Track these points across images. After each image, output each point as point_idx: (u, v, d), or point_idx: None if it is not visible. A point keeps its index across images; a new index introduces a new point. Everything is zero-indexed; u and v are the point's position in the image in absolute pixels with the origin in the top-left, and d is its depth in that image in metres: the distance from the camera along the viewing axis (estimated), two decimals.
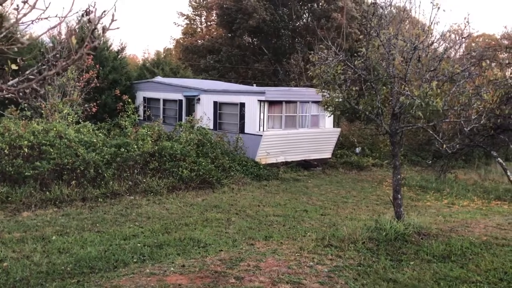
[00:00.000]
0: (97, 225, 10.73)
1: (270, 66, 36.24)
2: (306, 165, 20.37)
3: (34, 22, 3.95)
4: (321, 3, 35.72)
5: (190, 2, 44.02)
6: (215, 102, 20.73)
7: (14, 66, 3.72)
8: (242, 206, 13.20)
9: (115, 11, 3.61)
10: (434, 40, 10.06)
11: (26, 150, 13.08)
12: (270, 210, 12.96)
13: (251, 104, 19.14)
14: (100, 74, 21.76)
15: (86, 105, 19.03)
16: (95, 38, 3.31)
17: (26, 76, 3.58)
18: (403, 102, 8.71)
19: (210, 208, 12.86)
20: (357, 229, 9.18)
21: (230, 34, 37.04)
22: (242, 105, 19.46)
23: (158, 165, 15.03)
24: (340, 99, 10.36)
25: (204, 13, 44.99)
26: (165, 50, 39.28)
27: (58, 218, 11.13)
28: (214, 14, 42.03)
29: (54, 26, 3.34)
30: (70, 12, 3.92)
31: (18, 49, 3.78)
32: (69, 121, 16.76)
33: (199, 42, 40.90)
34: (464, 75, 8.98)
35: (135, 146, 14.98)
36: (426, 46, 9.29)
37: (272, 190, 15.99)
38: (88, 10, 3.94)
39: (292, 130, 20.02)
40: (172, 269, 7.41)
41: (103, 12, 3.68)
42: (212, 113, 20.76)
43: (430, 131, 11.35)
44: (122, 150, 14.67)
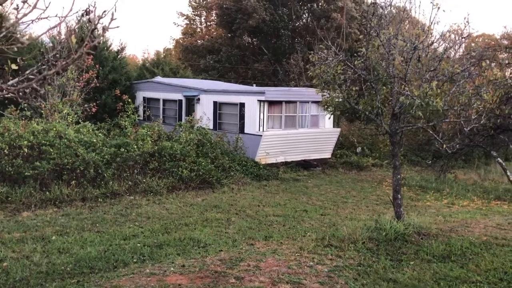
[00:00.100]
0: (97, 225, 10.72)
1: (270, 66, 36.24)
2: (306, 165, 20.37)
3: (34, 22, 3.95)
4: (320, 3, 35.71)
5: (189, 2, 44.03)
6: (215, 102, 20.73)
7: (14, 66, 3.72)
8: (242, 206, 13.19)
9: (115, 11, 3.61)
10: (434, 40, 10.06)
11: (26, 150, 13.07)
12: (270, 210, 12.96)
13: (251, 104, 19.14)
14: (100, 74, 21.75)
15: (86, 105, 19.03)
16: (95, 37, 3.31)
17: (26, 76, 3.57)
18: (403, 102, 8.71)
19: (210, 208, 12.85)
20: (357, 229, 9.18)
21: (230, 34, 37.04)
22: (242, 105, 19.46)
23: (158, 165, 15.03)
24: (340, 99, 10.36)
25: (203, 13, 44.97)
26: (164, 50, 39.29)
27: (58, 218, 11.12)
28: (214, 14, 42.02)
29: (54, 26, 3.33)
30: (70, 12, 3.93)
31: (18, 49, 3.77)
32: (68, 121, 16.76)
33: (199, 42, 40.89)
34: (464, 75, 8.98)
35: (135, 146, 14.97)
36: (426, 46, 9.30)
37: (272, 190, 15.98)
38: (88, 10, 3.94)
39: (292, 130, 20.01)
40: (172, 269, 7.40)
41: (103, 11, 3.68)
42: (212, 113, 20.76)
43: (430, 131, 11.34)
44: (122, 150, 14.67)
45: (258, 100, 18.90)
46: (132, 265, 7.99)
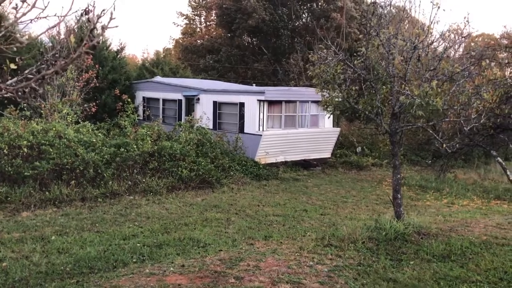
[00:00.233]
0: (96, 225, 10.71)
1: (269, 66, 36.23)
2: (305, 164, 20.36)
3: (33, 22, 3.94)
4: (320, 3, 35.70)
5: (189, 2, 44.01)
6: (215, 102, 20.71)
7: (13, 66, 3.71)
8: (242, 206, 13.18)
9: (114, 10, 3.60)
10: (434, 39, 10.05)
11: (26, 150, 13.06)
12: (270, 209, 12.94)
13: (251, 103, 19.12)
14: (99, 74, 21.74)
15: (85, 105, 19.01)
16: (94, 37, 3.30)
17: (25, 75, 3.56)
18: (403, 102, 8.70)
19: (210, 208, 12.84)
20: (357, 228, 9.16)
21: (230, 34, 37.03)
22: (242, 105, 19.45)
23: (157, 165, 15.01)
24: (339, 99, 10.35)
25: (203, 13, 44.96)
26: (164, 50, 39.29)
27: (58, 218, 11.11)
28: (214, 14, 42.02)
29: (54, 26, 3.32)
30: (70, 11, 3.92)
31: (17, 48, 3.76)
32: (68, 121, 16.74)
33: (199, 42, 40.86)
34: (463, 75, 8.97)
35: (135, 146, 14.96)
36: (426, 45, 9.28)
37: (271, 189, 15.98)
38: (87, 10, 3.93)
39: (291, 129, 20.00)
40: (171, 269, 7.39)
41: (102, 11, 3.66)
42: (211, 112, 20.75)
43: (430, 131, 11.33)
44: (122, 150, 14.65)
45: (257, 99, 18.89)
46: (131, 265, 7.98)
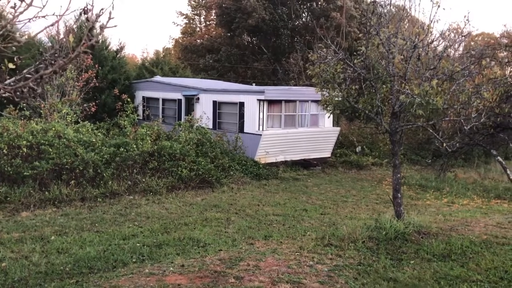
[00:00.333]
0: (96, 225, 10.70)
1: (269, 66, 36.20)
2: (305, 164, 20.35)
3: (31, 21, 3.92)
4: (320, 2, 35.67)
5: (189, 1, 43.97)
6: (214, 102, 20.70)
7: (11, 65, 3.69)
8: (242, 206, 13.17)
9: (113, 9, 3.58)
10: (434, 38, 10.03)
11: (25, 150, 13.04)
12: (270, 209, 12.93)
13: (251, 103, 19.10)
14: (99, 74, 21.72)
15: (85, 104, 18.99)
16: (92, 36, 3.28)
17: (23, 75, 3.55)
18: (403, 101, 8.68)
19: (210, 207, 12.83)
20: (357, 228, 9.15)
21: (229, 34, 37.00)
22: (242, 104, 19.43)
23: (157, 164, 15.00)
24: (339, 98, 10.33)
25: (203, 12, 44.93)
26: (164, 50, 39.24)
27: (57, 218, 11.10)
28: (213, 14, 41.98)
29: (51, 24, 3.31)
30: (68, 10, 3.90)
31: (16, 48, 3.75)
32: (68, 120, 16.72)
33: (198, 41, 40.83)
34: (463, 74, 8.96)
35: (134, 146, 14.94)
36: (426, 44, 9.26)
37: (271, 189, 15.96)
38: (85, 9, 3.91)
39: (291, 129, 19.98)
40: (171, 269, 7.38)
41: (101, 10, 3.65)
42: (211, 112, 20.73)
43: (430, 130, 11.32)
44: (121, 149, 14.64)
45: (257, 99, 18.87)
46: (131, 265, 7.96)
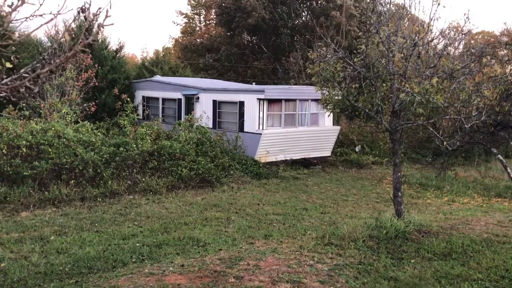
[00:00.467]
0: (96, 224, 10.67)
1: (269, 65, 36.16)
2: (305, 163, 20.32)
3: (29, 19, 3.89)
4: (320, 1, 35.62)
5: (189, 1, 43.92)
6: (214, 101, 20.67)
7: (8, 65, 3.67)
8: (242, 205, 13.14)
9: (110, 8, 3.56)
10: (434, 36, 10.00)
11: (25, 150, 13.01)
12: (270, 208, 12.90)
13: (250, 102, 19.07)
14: (99, 74, 21.68)
15: (85, 104, 18.96)
16: (90, 34, 3.26)
17: (20, 74, 3.52)
18: (403, 99, 8.65)
19: (210, 207, 12.80)
20: (357, 227, 9.13)
21: (229, 33, 36.95)
22: (242, 103, 19.40)
23: (157, 164, 14.97)
24: (339, 97, 10.30)
25: (203, 11, 44.88)
26: (163, 49, 39.20)
27: (57, 218, 11.08)
28: (213, 13, 41.93)
29: (47, 22, 3.28)
30: (65, 9, 3.87)
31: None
32: (67, 120, 16.69)
33: (198, 41, 40.78)
34: (464, 72, 8.93)
35: (134, 145, 14.92)
36: (426, 43, 9.24)
37: (271, 188, 15.94)
38: (83, 8, 3.89)
39: (291, 128, 19.95)
40: (171, 268, 7.35)
41: (98, 9, 3.62)
42: (211, 111, 20.70)
43: (430, 129, 11.29)
44: (121, 149, 14.61)
45: (257, 98, 18.84)
46: (131, 265, 7.94)
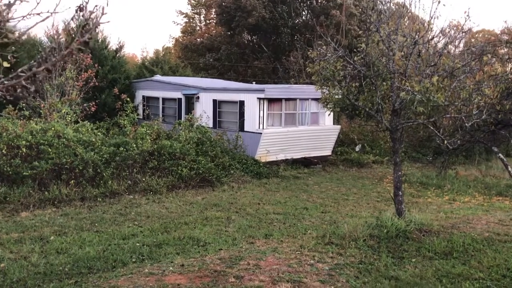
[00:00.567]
0: (96, 224, 10.65)
1: (269, 64, 36.12)
2: (306, 162, 20.28)
3: (26, 18, 3.87)
4: (320, 0, 35.58)
5: (189, 0, 43.89)
6: (215, 100, 20.64)
7: (5, 64, 3.64)
8: (242, 204, 13.11)
9: (107, 5, 3.53)
10: (434, 35, 9.95)
11: (24, 150, 12.99)
12: (270, 208, 12.88)
13: (251, 102, 19.04)
14: (99, 73, 21.65)
15: (85, 104, 18.93)
16: (86, 32, 3.22)
17: (16, 73, 3.49)
18: (404, 98, 8.62)
19: (210, 206, 12.77)
20: (358, 226, 9.09)
21: (230, 32, 36.92)
22: (242, 103, 19.37)
23: (157, 164, 14.94)
24: (339, 96, 10.26)
25: (203, 11, 44.85)
26: (164, 49, 39.18)
27: (57, 218, 11.05)
28: (213, 12, 41.90)
29: (43, 20, 3.25)
30: (61, 7, 3.84)
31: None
32: (67, 120, 16.67)
33: (198, 40, 40.75)
34: (464, 70, 8.89)
35: (134, 145, 14.89)
36: (426, 41, 9.20)
37: (272, 188, 15.91)
38: (81, 6, 3.86)
39: (292, 127, 19.92)
40: (171, 268, 7.33)
41: (95, 6, 3.59)
42: (211, 111, 20.67)
43: (431, 127, 11.25)
44: (121, 149, 14.59)
45: (257, 97, 18.80)
46: (130, 265, 7.92)
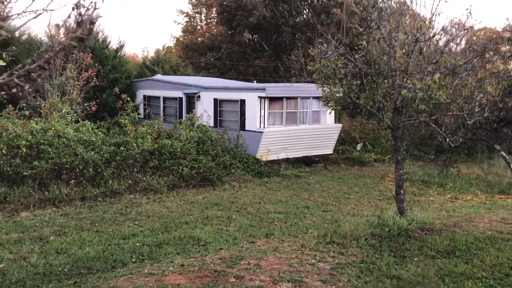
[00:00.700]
0: (96, 224, 10.60)
1: (270, 63, 36.05)
2: (307, 161, 20.22)
3: (21, 16, 3.81)
4: None
5: None
6: (215, 99, 20.58)
7: (1, 62, 3.59)
8: (243, 204, 13.06)
9: (102, 2, 3.47)
10: (436, 32, 9.88)
11: (24, 149, 12.95)
12: (271, 207, 12.82)
13: (252, 100, 18.98)
14: (100, 73, 21.61)
15: (85, 104, 18.89)
16: (79, 27, 3.17)
17: (10, 71, 3.44)
18: (405, 96, 8.55)
19: (211, 206, 12.72)
20: (359, 225, 9.03)
21: (230, 31, 36.83)
22: (243, 102, 19.31)
23: (158, 163, 14.89)
24: (340, 94, 10.20)
25: (204, 10, 44.77)
26: (164, 48, 39.13)
27: (57, 218, 11.00)
28: (214, 12, 41.82)
29: (35, 17, 3.20)
30: (57, 4, 3.79)
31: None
32: (68, 120, 16.62)
33: (199, 39, 40.68)
34: (466, 67, 8.82)
35: (135, 145, 14.84)
36: (428, 38, 9.13)
37: (273, 187, 15.85)
38: (78, 4, 3.81)
39: (293, 126, 19.86)
40: (171, 268, 7.27)
41: (90, 3, 3.54)
42: (212, 110, 20.62)
43: (433, 125, 11.18)
44: (122, 148, 14.54)
45: (258, 96, 18.75)
46: (130, 265, 7.86)
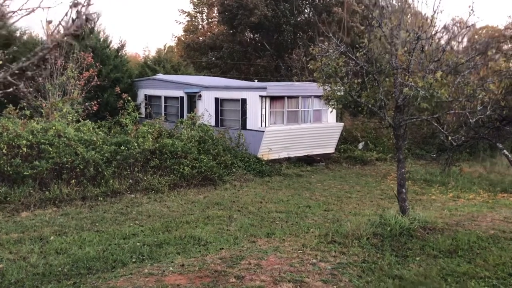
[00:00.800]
0: (96, 224, 10.56)
1: (272, 62, 36.00)
2: (309, 160, 20.16)
3: (16, 14, 3.77)
4: None
5: None
6: (217, 99, 20.54)
7: None
8: (244, 203, 13.01)
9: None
10: (437, 30, 9.82)
11: (25, 149, 12.91)
12: (273, 206, 12.77)
13: (253, 100, 18.93)
14: (101, 73, 21.58)
15: (86, 103, 18.85)
16: (73, 24, 3.12)
17: (4, 69, 3.40)
18: (407, 94, 8.49)
19: (212, 205, 12.67)
20: (361, 224, 8.97)
21: (232, 31, 36.78)
22: (244, 101, 19.27)
23: (159, 162, 14.85)
24: (341, 93, 10.14)
25: (205, 10, 44.72)
26: (166, 48, 39.10)
27: (57, 218, 10.97)
28: (216, 11, 41.77)
29: (28, 13, 3.16)
30: (54, 2, 3.75)
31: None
32: (69, 119, 16.58)
33: (201, 39, 40.64)
34: (468, 66, 8.76)
35: (136, 144, 14.80)
36: (429, 36, 9.07)
37: (274, 186, 15.79)
38: (75, 2, 3.76)
39: (294, 125, 19.80)
40: (171, 268, 7.22)
41: (85, 0, 3.49)
42: (213, 109, 20.58)
43: (435, 124, 11.11)
44: (123, 148, 14.49)
45: (259, 95, 18.70)
46: (130, 265, 7.81)
